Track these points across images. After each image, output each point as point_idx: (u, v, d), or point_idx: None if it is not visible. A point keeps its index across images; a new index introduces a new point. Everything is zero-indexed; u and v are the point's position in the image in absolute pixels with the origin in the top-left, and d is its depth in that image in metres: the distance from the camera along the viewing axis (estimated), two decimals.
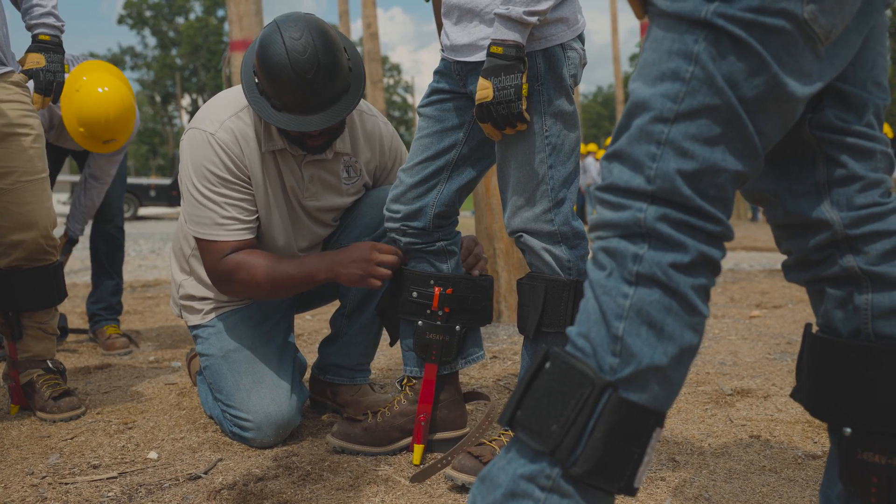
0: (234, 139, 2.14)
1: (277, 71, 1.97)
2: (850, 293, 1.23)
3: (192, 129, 2.18)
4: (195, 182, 2.14)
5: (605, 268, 1.09)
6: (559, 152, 1.83)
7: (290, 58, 1.96)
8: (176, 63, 51.42)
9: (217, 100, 2.24)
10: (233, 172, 2.14)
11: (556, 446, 1.06)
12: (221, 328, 2.31)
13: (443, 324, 2.03)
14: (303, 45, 1.96)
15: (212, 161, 2.13)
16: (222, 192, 2.14)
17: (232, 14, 6.01)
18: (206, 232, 2.15)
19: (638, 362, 1.05)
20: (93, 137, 3.12)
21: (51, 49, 2.58)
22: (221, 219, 2.14)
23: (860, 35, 1.16)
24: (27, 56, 2.57)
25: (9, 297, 2.46)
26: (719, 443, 2.15)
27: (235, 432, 2.20)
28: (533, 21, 1.70)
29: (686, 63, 1.04)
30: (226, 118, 2.16)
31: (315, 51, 1.97)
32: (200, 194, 2.14)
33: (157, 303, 5.16)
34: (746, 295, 5.11)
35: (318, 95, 2.00)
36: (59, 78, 2.60)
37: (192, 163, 2.15)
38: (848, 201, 1.23)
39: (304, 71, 1.96)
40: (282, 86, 1.98)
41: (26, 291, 2.46)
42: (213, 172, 2.13)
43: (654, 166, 1.05)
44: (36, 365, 2.54)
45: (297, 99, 2.00)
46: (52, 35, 2.59)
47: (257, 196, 2.19)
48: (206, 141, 2.13)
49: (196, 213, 2.16)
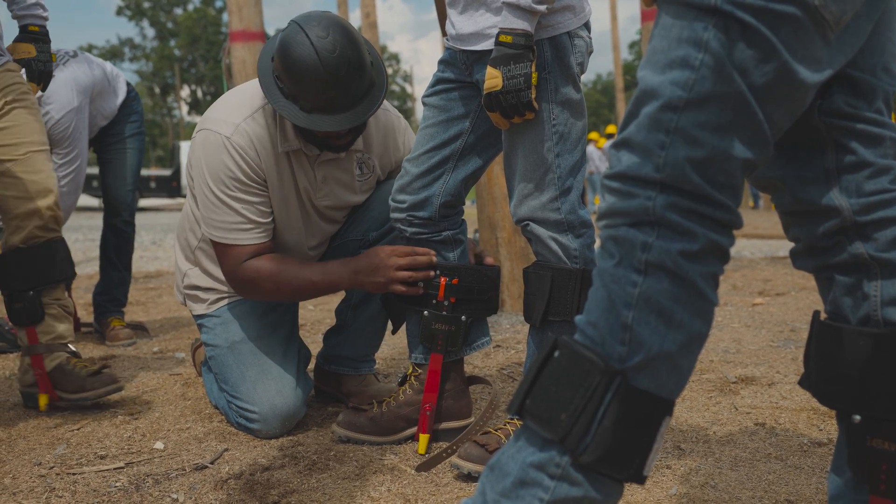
0: (251, 142, 2.11)
1: (308, 72, 1.94)
2: (860, 280, 1.23)
3: (206, 131, 2.13)
4: (211, 186, 2.11)
5: (613, 256, 1.08)
6: (566, 140, 1.83)
7: (321, 58, 1.93)
8: (175, 54, 51.29)
9: (229, 100, 2.20)
10: (249, 176, 2.11)
11: (566, 435, 1.06)
12: (227, 318, 2.31)
13: (449, 314, 2.02)
14: (331, 44, 1.94)
15: (228, 166, 2.09)
16: (240, 196, 2.11)
17: (231, 4, 5.98)
18: (224, 236, 2.13)
19: (647, 350, 1.05)
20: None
21: (40, 39, 2.61)
22: (240, 223, 2.12)
23: (870, 21, 1.15)
24: (17, 46, 2.59)
25: (32, 273, 2.41)
26: (725, 431, 2.15)
27: (241, 423, 2.20)
28: (542, 9, 1.70)
29: (695, 50, 1.03)
30: (240, 121, 2.11)
31: (344, 47, 1.95)
32: (217, 199, 2.11)
33: (160, 294, 5.16)
34: (749, 282, 5.11)
35: (348, 93, 1.98)
36: (48, 67, 2.63)
37: (207, 166, 2.11)
38: (857, 188, 1.22)
39: (336, 69, 1.94)
40: (313, 86, 1.95)
41: (49, 264, 2.42)
42: (231, 176, 2.09)
43: (664, 154, 1.05)
44: (59, 348, 2.48)
45: (330, 99, 1.97)
46: (40, 25, 2.62)
47: (273, 198, 2.17)
48: (222, 144, 2.09)
49: (213, 218, 2.13)
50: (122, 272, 3.78)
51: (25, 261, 2.41)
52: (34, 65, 2.58)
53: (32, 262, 2.41)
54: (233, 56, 6.07)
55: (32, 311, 2.44)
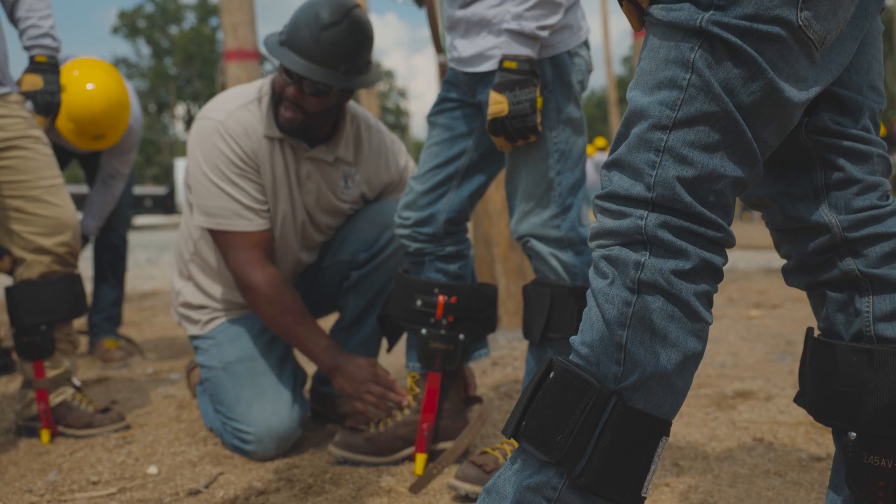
0: (243, 128, 2.17)
1: (312, 16, 2.06)
2: (851, 296, 1.23)
3: (201, 120, 2.20)
4: (206, 171, 2.15)
5: (606, 276, 1.08)
6: (568, 158, 1.85)
7: (331, 16, 2.05)
8: (170, 72, 51.39)
9: (224, 95, 2.26)
10: (243, 160, 2.16)
11: (562, 456, 1.06)
12: (221, 339, 2.30)
13: (447, 333, 2.02)
14: (344, 15, 2.06)
15: (222, 149, 2.15)
16: (236, 180, 2.15)
17: (226, 23, 5.99)
18: (224, 222, 2.15)
19: (642, 370, 1.05)
20: (81, 133, 3.13)
21: (47, 70, 2.59)
22: (239, 207, 2.15)
23: (856, 40, 1.16)
24: (24, 77, 2.58)
25: (47, 308, 2.38)
26: (723, 446, 2.14)
27: (236, 445, 2.19)
28: (544, 35, 1.73)
29: (683, 71, 1.04)
30: (233, 108, 2.19)
31: (354, 26, 2.08)
32: (212, 183, 2.14)
33: (155, 313, 5.14)
34: (744, 295, 5.11)
35: (331, 55, 2.07)
36: (56, 99, 2.61)
37: (202, 152, 2.16)
38: (846, 204, 1.23)
39: (337, 32, 2.05)
40: (309, 27, 2.06)
41: (64, 299, 2.41)
42: (226, 160, 2.14)
43: (654, 174, 1.05)
44: (64, 383, 2.46)
45: (314, 46, 2.05)
46: (48, 56, 2.59)
47: (265, 188, 2.21)
48: (216, 129, 2.15)
49: (209, 204, 2.15)
50: (116, 290, 3.77)
51: (43, 295, 2.38)
52: (40, 97, 2.57)
53: (49, 296, 2.39)
54: (228, 75, 6.07)
55: (44, 346, 2.41)
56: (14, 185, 2.32)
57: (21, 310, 2.37)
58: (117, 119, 3.18)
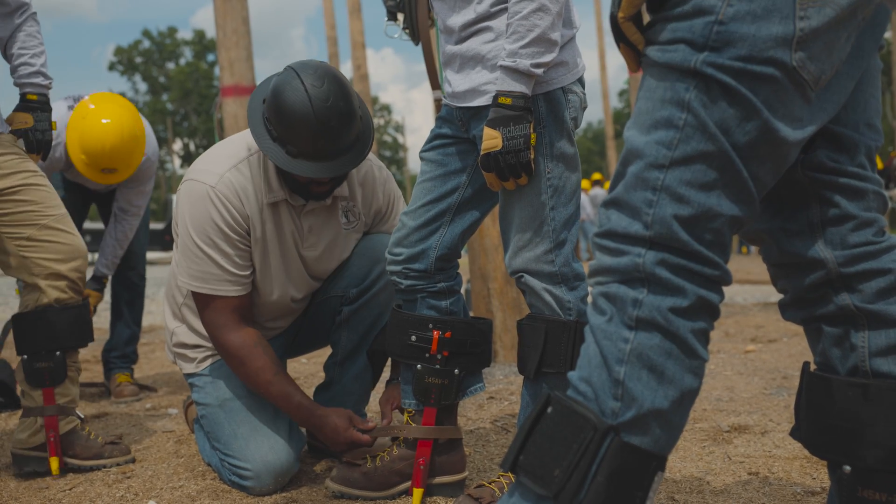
0: (235, 192, 2.13)
1: (300, 118, 1.98)
2: (847, 331, 1.24)
3: (190, 181, 2.16)
4: (193, 236, 2.13)
5: (605, 313, 1.10)
6: (561, 194, 1.86)
7: (315, 106, 1.97)
8: (167, 108, 51.67)
9: (214, 152, 2.23)
10: (232, 227, 2.13)
11: (559, 491, 1.07)
12: (216, 377, 2.30)
13: (442, 367, 2.03)
14: (325, 93, 1.99)
15: (211, 216, 2.11)
16: (223, 246, 2.13)
17: (223, 60, 6.05)
18: (204, 286, 2.15)
19: (639, 406, 1.06)
20: (93, 166, 3.18)
21: (38, 108, 2.60)
22: (222, 273, 2.14)
23: (852, 79, 1.18)
24: (15, 116, 2.58)
25: (61, 334, 2.39)
26: (718, 481, 2.14)
27: (234, 481, 2.19)
28: (539, 73, 1.74)
29: (679, 111, 1.06)
30: (225, 171, 2.14)
31: (337, 98, 2.00)
32: (199, 248, 2.13)
33: (153, 349, 5.13)
34: (741, 329, 5.12)
35: (336, 143, 2.03)
36: (47, 137, 2.61)
37: (190, 216, 2.14)
38: (841, 240, 1.25)
39: (328, 119, 1.98)
40: (302, 132, 1.99)
41: (77, 326, 2.42)
42: (214, 227, 2.12)
43: (651, 212, 1.07)
44: (70, 412, 2.46)
45: (317, 147, 2.01)
46: (39, 94, 2.60)
47: (254, 250, 2.19)
48: (206, 194, 2.12)
49: (195, 268, 2.15)
50: (132, 328, 3.77)
51: (58, 321, 2.39)
52: (31, 135, 2.58)
53: (65, 322, 2.40)
54: (224, 111, 6.11)
55: (57, 372, 2.41)
56: (24, 216, 2.35)
57: (40, 335, 2.38)
58: (129, 154, 3.22)
